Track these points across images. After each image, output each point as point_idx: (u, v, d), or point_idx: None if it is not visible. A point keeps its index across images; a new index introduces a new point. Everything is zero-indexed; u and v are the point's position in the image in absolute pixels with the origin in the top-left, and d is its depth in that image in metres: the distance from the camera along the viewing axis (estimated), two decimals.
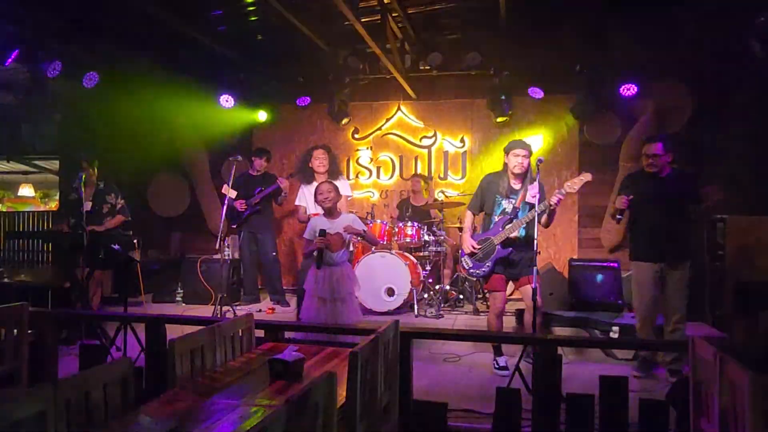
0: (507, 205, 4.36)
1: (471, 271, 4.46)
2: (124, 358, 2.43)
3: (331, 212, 4.24)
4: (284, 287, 6.89)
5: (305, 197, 5.37)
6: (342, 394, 2.23)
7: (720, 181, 6.29)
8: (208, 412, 2.07)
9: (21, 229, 9.59)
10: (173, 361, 2.47)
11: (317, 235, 4.04)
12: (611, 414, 3.00)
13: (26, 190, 11.90)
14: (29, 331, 3.52)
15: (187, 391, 2.36)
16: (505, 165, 4.40)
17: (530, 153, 4.34)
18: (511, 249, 4.27)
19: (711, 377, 2.46)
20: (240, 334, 3.08)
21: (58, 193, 9.78)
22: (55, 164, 9.93)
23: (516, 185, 4.37)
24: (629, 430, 2.99)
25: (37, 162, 10.11)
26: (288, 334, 3.74)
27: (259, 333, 3.44)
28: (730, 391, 2.28)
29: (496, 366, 4.47)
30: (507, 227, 4.25)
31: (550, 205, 4.06)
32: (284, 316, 6.05)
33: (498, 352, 4.51)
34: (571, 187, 4.09)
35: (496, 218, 4.37)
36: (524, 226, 4.26)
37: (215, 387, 2.43)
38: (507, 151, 4.38)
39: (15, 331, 3.42)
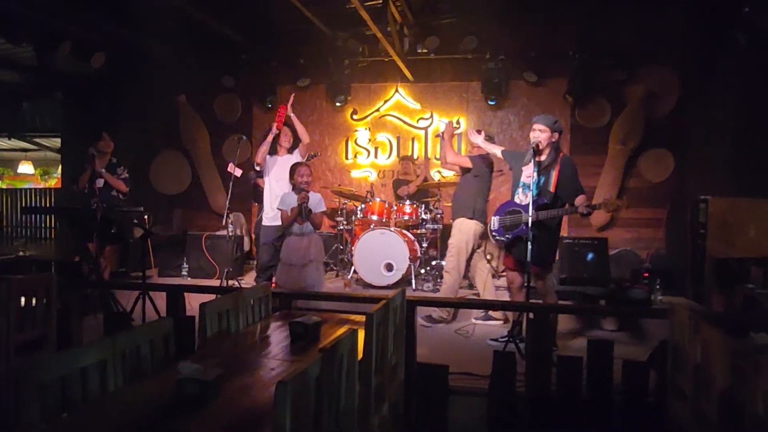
0: (525, 178, 4.36)
1: (494, 234, 4.51)
2: (166, 317, 2.68)
3: (301, 191, 4.71)
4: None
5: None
6: (359, 351, 2.50)
7: (703, 163, 6.61)
8: (243, 363, 2.34)
9: (24, 205, 9.73)
10: (204, 323, 2.72)
11: (297, 195, 4.65)
12: (597, 374, 3.30)
13: (26, 168, 11.99)
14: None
15: (217, 349, 2.62)
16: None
17: (552, 130, 4.26)
18: (534, 232, 4.17)
19: (687, 339, 2.76)
20: (259, 301, 3.34)
21: (57, 170, 9.92)
22: (54, 142, 10.07)
23: (540, 158, 4.30)
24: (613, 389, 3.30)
25: (37, 140, 10.24)
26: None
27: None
28: (703, 350, 2.57)
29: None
30: (540, 212, 4.19)
31: (580, 213, 4.14)
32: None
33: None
34: (606, 208, 4.12)
35: (519, 190, 4.39)
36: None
37: (241, 347, 2.69)
38: (533, 125, 4.37)
39: (44, 299, 3.66)
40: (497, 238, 4.51)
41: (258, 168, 6.02)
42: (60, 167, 9.38)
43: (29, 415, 1.74)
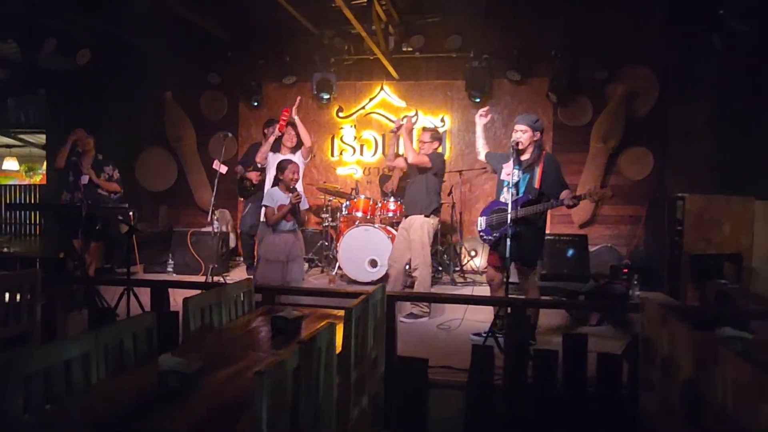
0: (505, 176, 4.43)
1: (481, 234, 4.58)
2: (149, 312, 2.73)
3: (289, 188, 4.75)
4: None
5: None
6: (339, 344, 2.57)
7: (681, 162, 6.75)
8: (225, 357, 2.40)
9: (9, 202, 9.70)
10: (188, 317, 2.78)
11: (281, 195, 4.73)
12: (572, 367, 3.40)
13: (11, 164, 11.91)
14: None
15: (200, 343, 2.68)
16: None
17: (533, 129, 4.34)
18: (519, 229, 4.29)
19: (657, 333, 2.86)
20: (242, 297, 3.40)
21: (42, 167, 9.87)
22: (39, 138, 10.03)
23: (522, 157, 4.38)
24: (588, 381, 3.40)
25: (22, 136, 10.18)
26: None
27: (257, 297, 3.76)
28: (670, 343, 2.67)
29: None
30: (525, 208, 4.28)
31: (565, 205, 4.20)
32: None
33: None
34: (591, 198, 4.18)
35: (504, 189, 4.44)
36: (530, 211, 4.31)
37: (224, 341, 2.75)
38: (514, 125, 4.45)
39: (29, 295, 3.69)
40: (485, 237, 4.56)
41: (260, 166, 6.20)
42: (45, 163, 9.35)
43: (13, 406, 1.79)
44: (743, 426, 1.91)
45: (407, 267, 5.46)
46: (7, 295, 3.54)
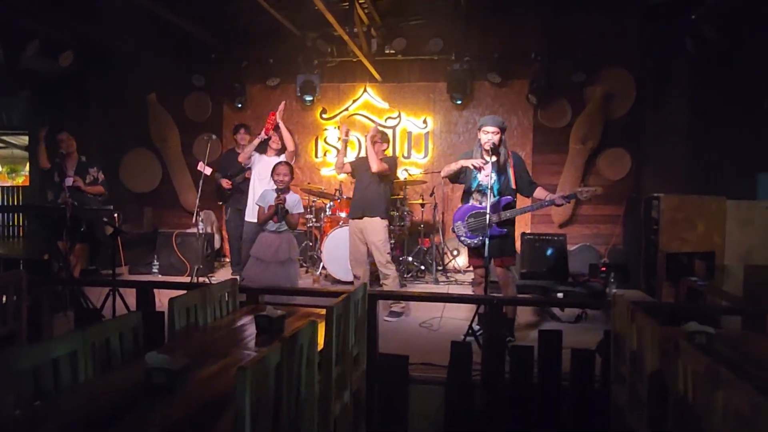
0: (483, 179, 4.50)
1: (462, 239, 4.65)
2: (135, 311, 2.80)
3: (282, 190, 4.83)
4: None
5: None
6: (320, 342, 2.66)
7: (657, 162, 6.94)
8: (210, 354, 2.48)
9: None
10: (173, 316, 2.85)
11: (274, 196, 4.77)
12: (547, 362, 3.52)
13: None
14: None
15: (186, 341, 2.76)
16: (478, 140, 4.52)
17: (502, 130, 4.46)
18: (504, 230, 4.45)
19: (627, 328, 2.98)
20: (226, 296, 3.47)
21: (24, 168, 9.82)
22: (22, 139, 9.98)
23: (493, 158, 4.45)
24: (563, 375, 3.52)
25: (4, 137, 10.12)
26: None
27: (241, 297, 3.84)
28: (638, 337, 2.79)
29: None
30: (511, 210, 4.43)
31: (556, 204, 4.42)
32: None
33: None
34: (582, 195, 4.37)
35: (474, 192, 4.59)
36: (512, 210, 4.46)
37: (209, 339, 2.83)
38: (480, 127, 4.50)
39: (15, 297, 3.73)
40: (468, 241, 4.63)
41: (245, 166, 6.31)
42: (28, 165, 9.31)
43: (4, 403, 1.86)
44: (700, 413, 2.03)
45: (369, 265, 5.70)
46: None
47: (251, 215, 5.69)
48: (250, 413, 1.74)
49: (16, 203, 9.71)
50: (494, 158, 4.43)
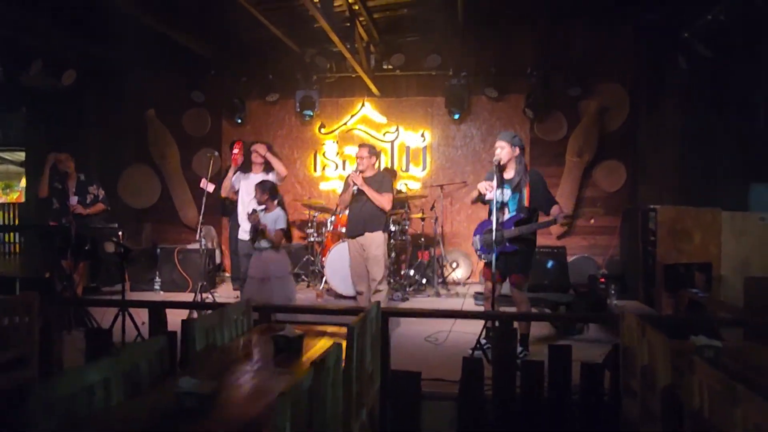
0: (499, 195, 4.47)
1: (478, 252, 4.74)
2: (161, 336, 2.83)
3: (264, 208, 5.02)
4: None
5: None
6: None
7: (652, 174, 7.07)
8: (233, 376, 2.52)
9: None
10: (193, 338, 2.88)
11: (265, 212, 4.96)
12: (557, 377, 3.58)
13: None
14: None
15: (207, 363, 2.80)
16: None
17: (512, 145, 4.48)
18: (516, 247, 4.48)
19: (636, 342, 3.05)
20: (241, 316, 3.51)
21: (19, 184, 9.79)
22: (17, 156, 9.95)
23: (507, 175, 4.51)
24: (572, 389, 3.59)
25: (0, 154, 10.08)
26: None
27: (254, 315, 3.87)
28: (649, 352, 2.87)
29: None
30: (520, 227, 4.45)
31: (560, 224, 4.45)
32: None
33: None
34: (585, 218, 4.54)
35: (495, 208, 4.55)
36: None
37: (229, 359, 2.87)
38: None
39: (27, 318, 3.73)
40: (483, 256, 4.68)
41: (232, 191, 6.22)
42: (24, 180, 9.29)
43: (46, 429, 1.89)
44: (720, 429, 2.10)
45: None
46: (6, 319, 3.60)
47: (243, 232, 5.73)
48: None
49: (12, 220, 9.66)
50: (510, 175, 4.47)
